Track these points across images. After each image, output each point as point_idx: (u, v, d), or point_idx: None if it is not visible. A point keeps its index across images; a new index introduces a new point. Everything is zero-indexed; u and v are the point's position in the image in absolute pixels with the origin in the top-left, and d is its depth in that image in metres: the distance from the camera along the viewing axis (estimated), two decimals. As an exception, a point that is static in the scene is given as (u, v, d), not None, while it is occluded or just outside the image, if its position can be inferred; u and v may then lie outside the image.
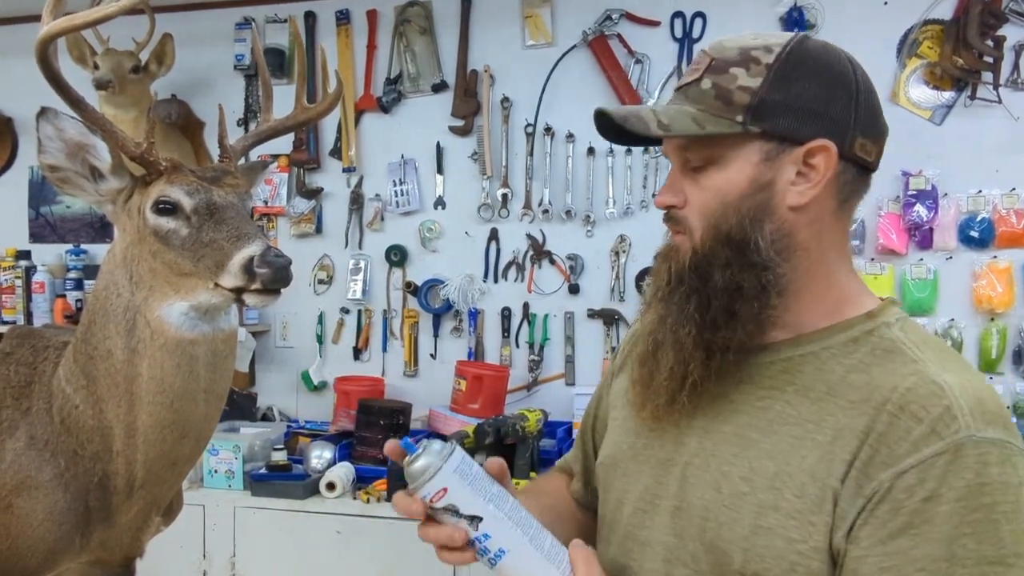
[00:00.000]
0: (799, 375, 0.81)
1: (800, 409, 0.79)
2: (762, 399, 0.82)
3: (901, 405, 0.74)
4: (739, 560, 0.78)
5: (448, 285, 2.84)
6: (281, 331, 3.04)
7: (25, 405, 1.27)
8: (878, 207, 2.55)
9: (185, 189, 1.20)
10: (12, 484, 1.23)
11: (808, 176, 0.81)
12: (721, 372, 0.82)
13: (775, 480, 0.78)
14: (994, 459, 0.71)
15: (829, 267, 0.84)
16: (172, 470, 1.29)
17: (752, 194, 0.81)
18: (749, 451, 0.81)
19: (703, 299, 0.81)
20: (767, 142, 0.81)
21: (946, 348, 0.85)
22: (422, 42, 2.89)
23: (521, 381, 2.82)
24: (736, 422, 0.83)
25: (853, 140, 0.81)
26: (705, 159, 0.83)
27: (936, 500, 0.70)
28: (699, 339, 0.81)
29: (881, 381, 0.77)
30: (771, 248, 0.80)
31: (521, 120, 2.81)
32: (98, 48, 2.80)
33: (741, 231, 0.80)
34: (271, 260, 1.13)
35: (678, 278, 0.83)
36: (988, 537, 0.70)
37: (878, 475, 0.73)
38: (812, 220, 0.82)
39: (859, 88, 0.82)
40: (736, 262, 0.80)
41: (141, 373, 1.21)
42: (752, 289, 0.80)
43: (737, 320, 0.80)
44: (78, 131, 1.18)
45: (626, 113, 0.85)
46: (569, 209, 2.77)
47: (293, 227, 2.99)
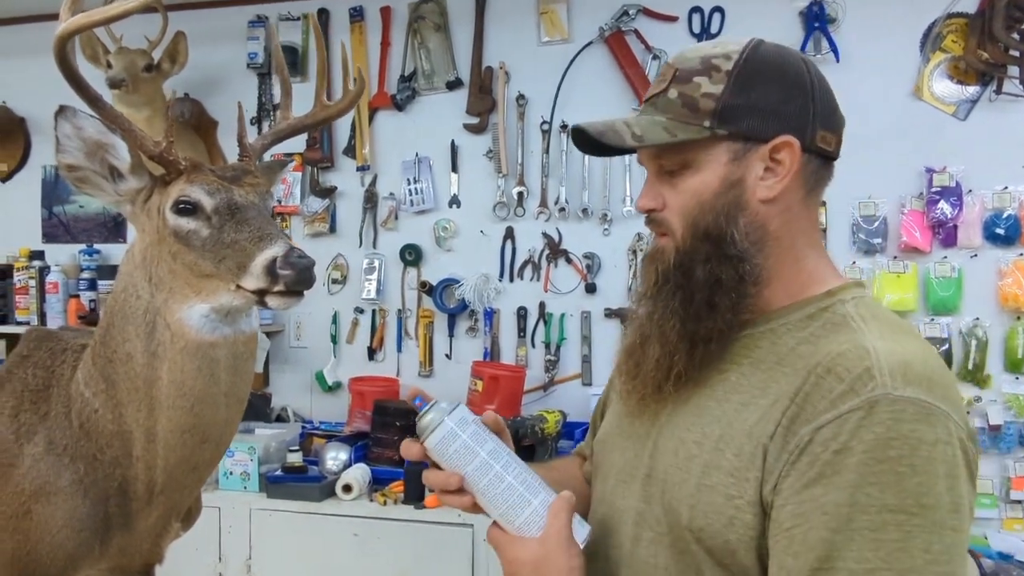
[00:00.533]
0: (756, 349, 0.87)
1: (751, 379, 0.86)
2: (722, 372, 0.88)
3: (828, 367, 0.79)
4: (687, 516, 0.84)
5: (463, 284, 2.81)
6: (295, 331, 3.02)
7: (43, 409, 1.25)
8: (901, 204, 2.51)
9: (206, 189, 1.17)
10: (31, 490, 1.21)
11: (775, 171, 0.87)
12: (705, 362, 0.88)
13: (719, 442, 0.84)
14: (908, 416, 0.75)
15: (798, 253, 0.90)
16: (192, 475, 1.27)
17: (725, 192, 0.87)
18: (703, 418, 0.87)
19: (687, 294, 0.87)
20: (734, 143, 0.87)
21: (896, 323, 0.89)
22: (436, 39, 2.87)
23: (537, 381, 2.79)
24: (699, 395, 0.89)
25: (814, 133, 0.88)
26: (679, 164, 0.89)
27: (847, 452, 0.75)
28: (683, 331, 0.87)
29: (822, 350, 0.82)
30: (746, 240, 0.86)
31: (537, 117, 2.78)
32: (111, 47, 2.78)
33: (718, 227, 0.86)
34: (294, 261, 1.10)
35: (664, 277, 0.90)
36: (891, 487, 0.73)
37: (800, 430, 0.78)
38: (782, 211, 0.88)
39: (814, 85, 0.88)
40: (715, 256, 0.86)
41: (161, 377, 1.19)
42: (730, 280, 0.86)
43: (717, 311, 0.86)
44: (97, 130, 1.16)
45: (602, 128, 0.91)
46: (586, 207, 2.74)
47: (307, 226, 2.97)
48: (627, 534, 0.91)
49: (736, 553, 0.81)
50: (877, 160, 2.49)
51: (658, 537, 0.88)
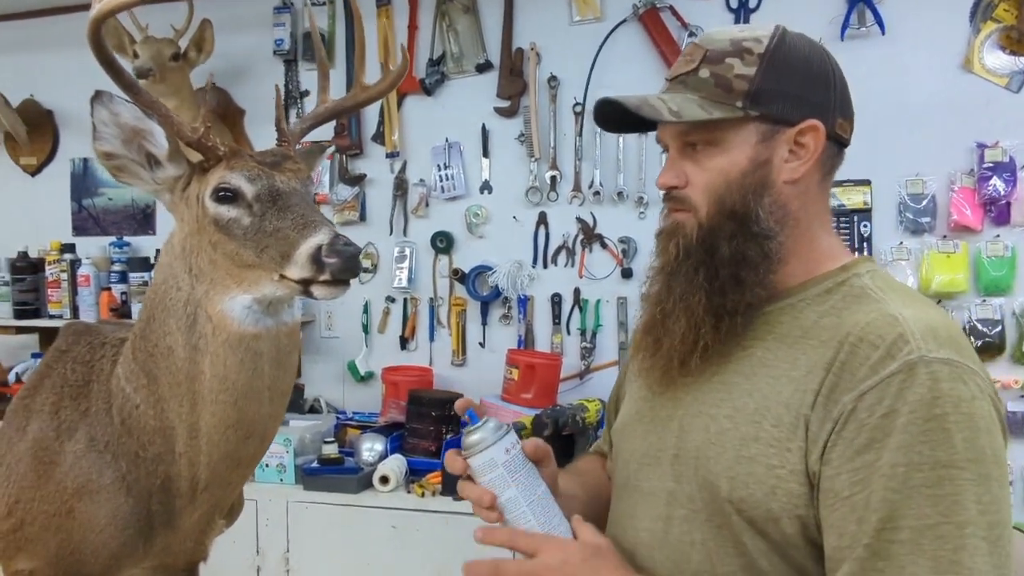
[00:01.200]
0: (778, 325, 0.90)
1: (778, 353, 0.88)
2: (746, 349, 0.90)
3: (861, 336, 0.82)
4: (726, 488, 0.86)
5: (496, 271, 2.76)
6: (326, 321, 2.98)
7: (84, 406, 1.22)
8: (951, 181, 2.42)
9: (246, 175, 1.13)
10: (73, 488, 1.18)
11: (799, 153, 0.91)
12: (730, 335, 0.89)
13: (755, 415, 0.86)
14: (945, 375, 0.78)
15: (813, 233, 0.93)
16: (236, 471, 1.23)
17: (752, 171, 0.90)
18: (733, 393, 0.89)
19: (711, 269, 0.89)
20: (764, 124, 0.90)
21: (911, 292, 0.94)
22: (465, 21, 2.80)
23: (573, 369, 2.74)
24: (724, 372, 0.90)
25: (835, 121, 0.92)
26: (706, 141, 0.91)
27: (894, 415, 0.78)
28: (709, 305, 0.89)
29: (848, 321, 0.85)
30: (770, 219, 0.90)
31: (569, 99, 2.71)
32: (137, 37, 2.75)
33: (744, 205, 0.89)
34: (340, 249, 1.05)
35: (685, 252, 0.91)
36: (941, 444, 0.76)
37: (842, 398, 0.80)
38: (801, 192, 0.92)
39: (835, 75, 0.94)
40: (741, 233, 0.89)
41: (203, 371, 1.15)
42: (756, 257, 0.89)
43: (744, 285, 0.89)
44: (133, 116, 1.12)
45: (637, 102, 0.91)
46: (621, 190, 2.67)
47: (337, 215, 2.93)
48: (659, 515, 0.92)
49: (780, 521, 0.83)
50: (925, 136, 2.40)
51: (691, 515, 0.89)
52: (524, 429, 2.20)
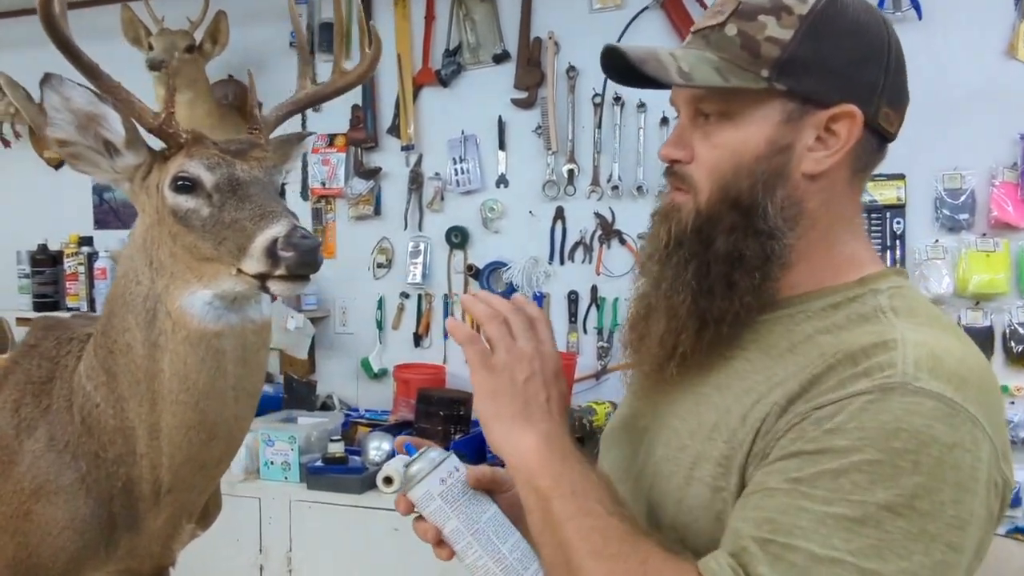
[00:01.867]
0: (766, 335, 0.78)
1: (757, 365, 0.76)
2: (727, 358, 0.79)
3: (848, 354, 0.70)
4: (671, 512, 0.77)
5: (511, 268, 2.69)
6: (340, 317, 2.94)
7: (45, 403, 1.18)
8: (992, 175, 2.26)
9: (205, 163, 1.07)
10: (31, 489, 1.14)
11: (827, 143, 0.76)
12: (713, 344, 0.78)
13: (712, 431, 0.76)
14: (926, 411, 0.64)
15: (833, 237, 0.79)
16: (201, 474, 1.18)
17: (768, 157, 0.76)
18: (701, 406, 0.78)
19: (702, 265, 0.77)
20: (790, 101, 0.76)
21: (936, 318, 0.77)
22: (482, 10, 2.73)
23: (589, 369, 2.65)
24: (701, 383, 0.80)
25: (879, 108, 0.77)
26: (720, 113, 0.78)
27: (839, 433, 0.65)
28: (693, 308, 0.77)
29: (845, 341, 0.72)
30: (780, 216, 0.76)
31: (588, 90, 2.62)
32: (153, 29, 2.74)
33: (751, 195, 0.76)
34: (296, 242, 0.99)
35: (677, 240, 0.79)
36: (883, 480, 0.63)
37: (795, 408, 0.70)
38: (823, 189, 0.78)
39: (891, 53, 0.77)
40: (742, 227, 0.76)
41: (163, 369, 1.10)
42: (755, 258, 0.76)
43: (735, 291, 0.76)
44: (86, 100, 1.06)
45: (644, 55, 0.78)
46: (640, 185, 2.57)
47: (351, 209, 2.89)
48: None
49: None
50: (964, 128, 2.25)
51: None
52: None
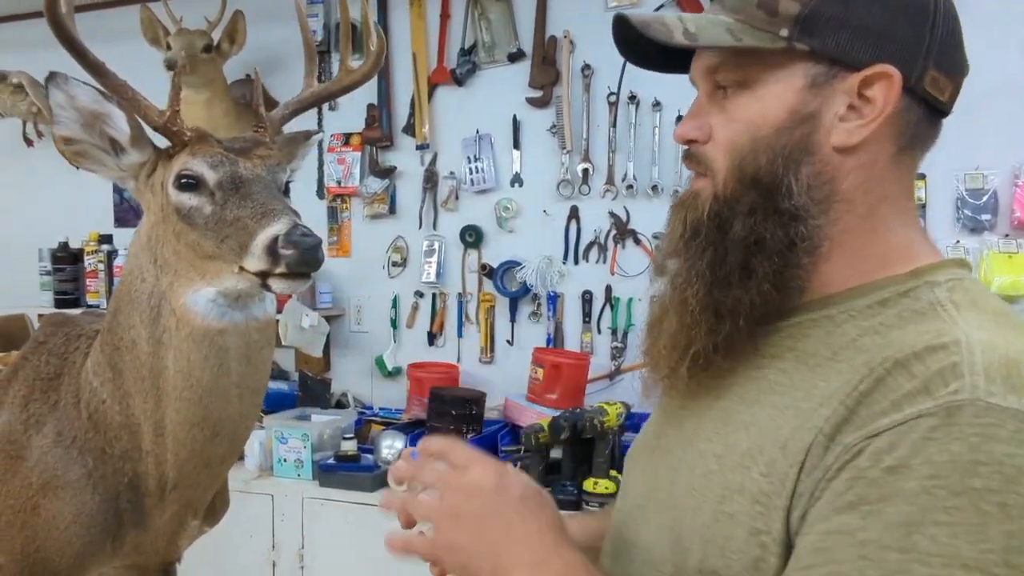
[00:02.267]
0: (803, 340, 0.67)
1: (793, 376, 0.65)
2: (759, 368, 0.68)
3: (900, 361, 0.59)
4: (697, 555, 0.65)
5: (525, 267, 2.68)
6: (355, 315, 2.95)
7: (53, 398, 1.19)
8: (1015, 175, 2.22)
9: (209, 161, 1.08)
10: (38, 484, 1.15)
11: (861, 111, 0.66)
12: (732, 344, 0.68)
13: (745, 458, 0.64)
14: (1005, 434, 0.53)
15: (878, 222, 0.68)
16: (206, 471, 1.18)
17: (790, 128, 0.67)
18: (729, 425, 0.67)
19: (718, 253, 0.68)
20: (815, 64, 0.66)
21: (1006, 314, 0.65)
22: (498, 9, 2.72)
23: (603, 369, 2.63)
24: (728, 396, 0.69)
25: (923, 71, 0.66)
26: (737, 82, 0.69)
27: (904, 472, 0.54)
28: (707, 300, 0.68)
29: (895, 342, 0.61)
30: (806, 195, 0.66)
31: (603, 89, 2.60)
32: (172, 29, 2.76)
33: (772, 172, 0.67)
34: (297, 240, 0.99)
35: (694, 229, 0.70)
36: (967, 532, 0.52)
37: (846, 438, 0.58)
38: (862, 165, 0.67)
39: (938, 7, 0.67)
40: (762, 209, 0.67)
41: (167, 366, 1.10)
42: (776, 243, 0.66)
43: (752, 278, 0.67)
44: (91, 98, 1.07)
45: (649, 19, 0.69)
46: (656, 184, 2.55)
47: (366, 208, 2.89)
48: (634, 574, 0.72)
49: None
50: (986, 126, 2.20)
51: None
52: (541, 432, 2.11)
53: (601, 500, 2.05)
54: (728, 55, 0.68)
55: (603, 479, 2.07)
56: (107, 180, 1.16)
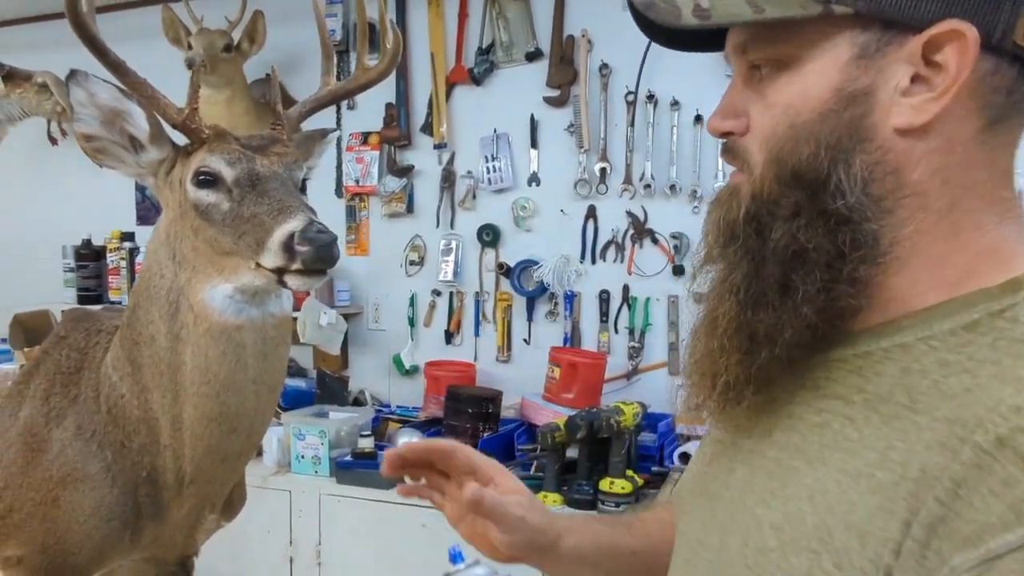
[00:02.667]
0: (875, 379, 0.54)
1: (864, 430, 0.53)
2: (820, 412, 0.56)
3: (1000, 437, 0.45)
4: None
5: (543, 266, 2.68)
6: (373, 313, 2.96)
7: (73, 393, 1.21)
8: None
9: (226, 158, 1.09)
10: (59, 476, 1.17)
11: (931, 81, 0.53)
12: (765, 375, 0.57)
13: (811, 539, 0.52)
14: None
15: (960, 220, 0.55)
16: (223, 466, 1.20)
17: (837, 111, 0.54)
18: (788, 487, 0.55)
19: (755, 263, 0.57)
20: (863, 31, 0.53)
21: None
22: (515, 8, 2.72)
23: (620, 369, 2.63)
24: (784, 443, 0.57)
25: (1012, 20, 0.51)
26: (772, 61, 0.57)
27: None
28: (739, 321, 0.57)
29: (991, 394, 0.48)
30: (860, 192, 0.54)
31: (621, 88, 2.60)
32: (193, 29, 2.79)
33: (815, 166, 0.55)
34: (313, 236, 1.00)
35: (729, 233, 0.59)
36: None
37: (952, 557, 0.45)
38: (936, 149, 0.54)
39: None
40: (807, 210, 0.55)
41: (185, 361, 1.12)
42: (822, 253, 0.54)
43: (791, 297, 0.55)
44: (111, 96, 1.09)
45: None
46: (674, 183, 2.54)
47: (384, 206, 2.91)
48: None
49: None
50: None
51: None
52: (557, 431, 2.11)
53: (617, 500, 2.04)
54: (756, 29, 0.57)
55: (619, 479, 2.06)
56: (127, 176, 1.17)
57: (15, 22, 3.43)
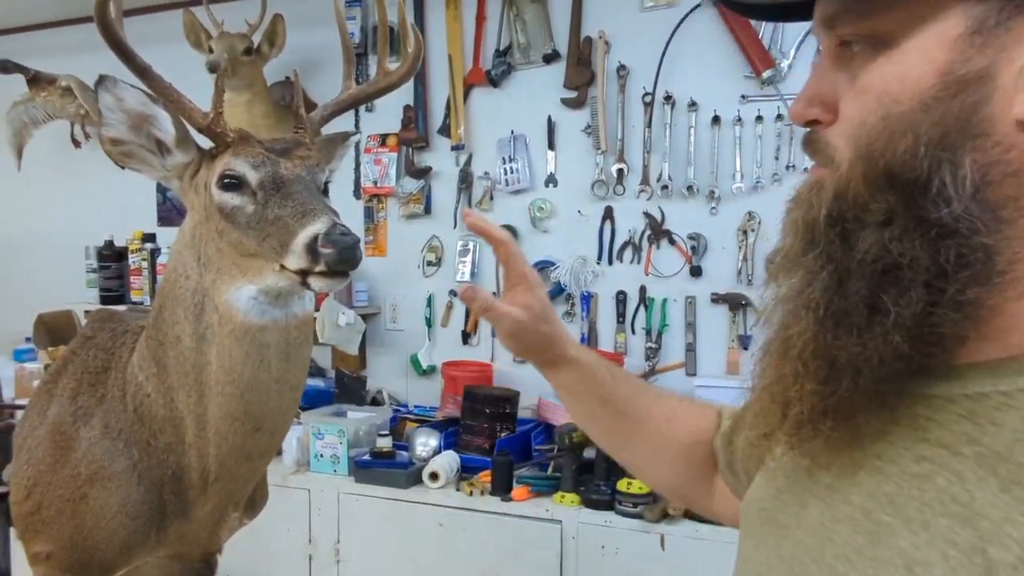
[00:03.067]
0: (991, 429, 0.45)
1: (977, 493, 0.44)
2: (920, 460, 0.47)
3: None
4: None
5: (559, 267, 2.69)
6: (391, 314, 2.98)
7: (100, 392, 1.23)
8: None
9: (251, 162, 1.10)
10: (86, 474, 1.19)
11: None
12: (847, 407, 0.49)
13: None
14: None
15: None
16: (246, 465, 1.21)
17: (944, 99, 0.45)
18: (880, 548, 0.47)
19: (838, 274, 0.48)
20: (978, 1, 0.45)
21: None
22: (533, 10, 2.73)
23: (637, 370, 2.62)
24: (872, 490, 0.49)
25: None
26: (867, 37, 0.48)
27: None
28: (816, 343, 0.49)
29: None
30: (972, 199, 0.44)
31: (639, 89, 2.60)
32: (214, 33, 2.82)
33: (913, 166, 0.45)
34: (336, 239, 1.01)
35: (809, 237, 0.50)
36: None
37: None
38: None
39: None
40: (902, 218, 0.46)
41: (210, 361, 1.13)
42: (920, 270, 0.45)
43: (880, 320, 0.46)
44: (139, 101, 1.11)
45: None
46: (691, 184, 2.54)
47: (402, 208, 2.93)
48: None
49: None
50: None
51: None
52: (575, 431, 2.11)
53: (635, 500, 2.05)
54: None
55: (636, 479, 2.06)
56: (152, 180, 1.19)
57: (40, 27, 3.48)
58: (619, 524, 2.05)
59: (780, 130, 2.44)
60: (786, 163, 2.43)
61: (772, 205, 2.46)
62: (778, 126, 2.44)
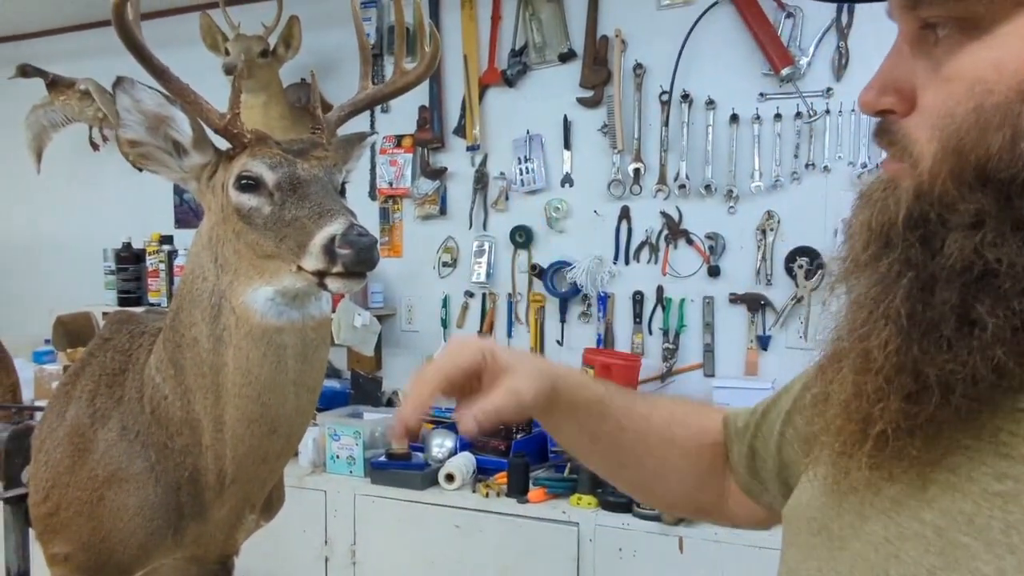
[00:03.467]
0: None
1: None
2: (1003, 478, 0.44)
3: None
4: None
5: (576, 267, 2.67)
6: (406, 315, 2.98)
7: (118, 394, 1.23)
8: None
9: (268, 163, 1.10)
10: (104, 476, 1.19)
11: None
12: (936, 427, 0.46)
13: None
14: None
15: None
16: (263, 467, 1.21)
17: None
18: (956, 570, 0.44)
19: (922, 283, 0.45)
20: None
21: None
22: (549, 9, 2.72)
23: (654, 371, 2.61)
24: (947, 508, 0.46)
25: None
26: (954, 19, 0.45)
27: None
28: (901, 357, 0.45)
29: None
30: None
31: (655, 88, 2.58)
32: (230, 35, 2.83)
33: (1009, 162, 0.42)
34: (353, 240, 1.00)
35: (884, 239, 0.47)
36: None
37: None
38: None
39: None
40: (995, 220, 0.42)
41: (227, 363, 1.13)
42: (1018, 278, 0.42)
43: (975, 333, 0.43)
44: (156, 102, 1.11)
45: None
46: (709, 183, 2.52)
47: (417, 208, 2.92)
48: None
49: None
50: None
51: None
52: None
53: (652, 503, 2.03)
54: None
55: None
56: (170, 181, 1.19)
57: (58, 31, 3.51)
58: (637, 526, 2.03)
59: (799, 128, 2.41)
60: (805, 161, 2.40)
61: (791, 204, 2.43)
62: (797, 124, 2.41)
